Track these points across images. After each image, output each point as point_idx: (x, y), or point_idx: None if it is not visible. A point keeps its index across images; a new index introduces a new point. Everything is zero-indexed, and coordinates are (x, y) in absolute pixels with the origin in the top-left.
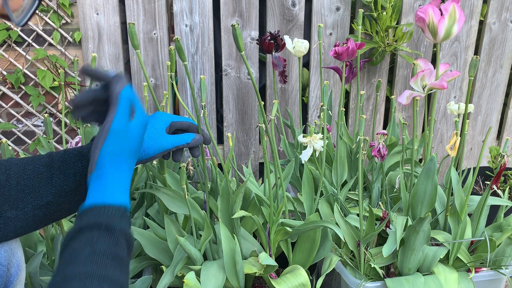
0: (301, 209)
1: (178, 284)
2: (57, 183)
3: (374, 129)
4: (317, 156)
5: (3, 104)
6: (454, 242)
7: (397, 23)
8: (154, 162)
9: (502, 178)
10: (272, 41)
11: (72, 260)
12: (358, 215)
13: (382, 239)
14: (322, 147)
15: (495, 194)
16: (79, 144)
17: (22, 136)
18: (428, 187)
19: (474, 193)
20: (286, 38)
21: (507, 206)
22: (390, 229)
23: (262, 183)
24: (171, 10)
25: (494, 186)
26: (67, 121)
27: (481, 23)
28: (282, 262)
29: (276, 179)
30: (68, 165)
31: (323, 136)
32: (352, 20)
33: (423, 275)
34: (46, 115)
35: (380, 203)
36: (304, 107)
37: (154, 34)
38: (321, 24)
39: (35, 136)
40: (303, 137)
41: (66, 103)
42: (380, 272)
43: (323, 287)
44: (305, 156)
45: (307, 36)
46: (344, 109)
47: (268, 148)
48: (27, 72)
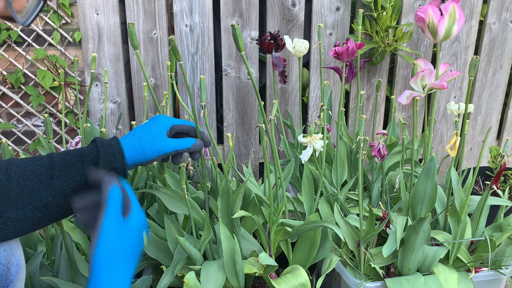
0: (301, 209)
1: (178, 284)
2: (57, 184)
3: (374, 129)
4: (317, 156)
5: (3, 104)
6: (454, 242)
7: (397, 23)
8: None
9: (502, 178)
10: (272, 41)
11: None
12: (358, 215)
13: (382, 239)
14: (322, 147)
15: (495, 194)
16: (79, 144)
17: (22, 136)
18: (428, 187)
19: (474, 193)
20: (286, 38)
21: (507, 206)
22: (390, 229)
23: (262, 183)
24: (171, 10)
25: (494, 186)
26: (67, 121)
27: (481, 23)
28: (282, 262)
29: (276, 179)
30: (68, 167)
31: (323, 136)
32: (352, 20)
33: (423, 275)
34: (46, 115)
35: (380, 203)
36: (304, 107)
37: (154, 34)
38: (321, 24)
39: (35, 136)
40: (303, 137)
41: (66, 103)
42: (380, 272)
43: (323, 287)
44: (305, 156)
45: (307, 36)
46: (344, 109)
47: (268, 148)
48: (27, 72)
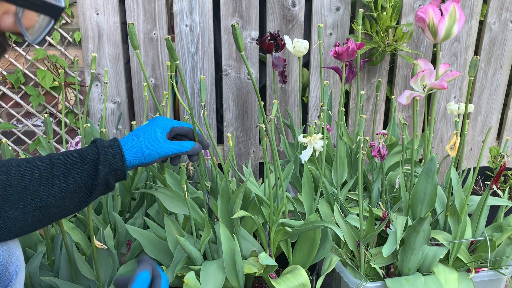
0: (301, 209)
1: (178, 284)
2: (57, 184)
3: (374, 129)
4: (317, 156)
5: (3, 104)
6: (454, 242)
7: (397, 23)
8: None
9: (502, 178)
10: (272, 41)
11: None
12: (358, 215)
13: (382, 239)
14: (322, 147)
15: (495, 194)
16: (79, 144)
17: (22, 136)
18: (428, 187)
19: (474, 193)
20: (286, 38)
21: (507, 206)
22: (390, 229)
23: (262, 183)
24: (171, 10)
25: (494, 186)
26: (67, 121)
27: (481, 23)
28: (282, 262)
29: (276, 179)
30: (68, 167)
31: (323, 136)
32: (352, 20)
33: (423, 275)
34: (46, 115)
35: (380, 203)
36: (304, 107)
37: (154, 34)
38: (321, 24)
39: (35, 136)
40: (303, 137)
41: (66, 103)
42: (380, 272)
43: (323, 287)
44: (305, 156)
45: (307, 36)
46: (344, 109)
47: (268, 148)
48: (27, 72)
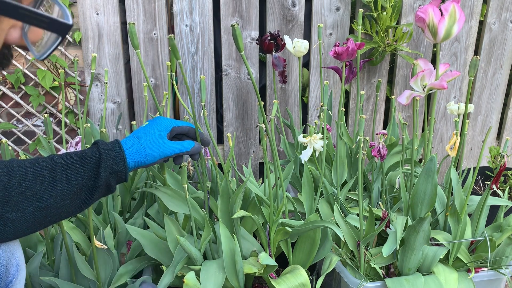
0: (301, 209)
1: (178, 284)
2: (59, 186)
3: (374, 129)
4: (317, 156)
5: (3, 104)
6: (454, 242)
7: (397, 23)
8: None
9: (502, 178)
10: (272, 41)
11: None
12: (358, 215)
13: (382, 239)
14: (322, 147)
15: (495, 194)
16: (79, 144)
17: (22, 136)
18: (428, 187)
19: (474, 193)
20: (286, 38)
21: (507, 206)
22: (390, 229)
23: (262, 183)
24: (171, 10)
25: (494, 186)
26: (67, 121)
27: (481, 23)
28: (282, 262)
29: (276, 179)
30: (70, 169)
31: (323, 136)
32: (352, 20)
33: (423, 275)
34: (46, 115)
35: (380, 203)
36: (304, 107)
37: (154, 34)
38: (321, 24)
39: (35, 136)
40: (303, 137)
41: (66, 103)
42: (380, 272)
43: (323, 287)
44: (305, 156)
45: (307, 36)
46: (344, 109)
47: (268, 148)
48: (27, 72)
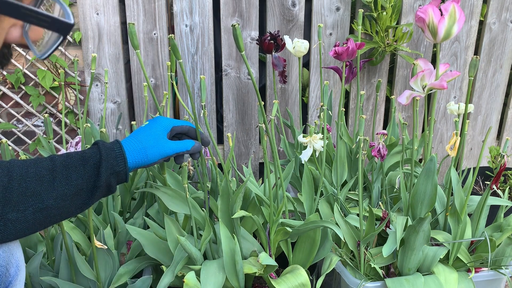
0: (301, 209)
1: (178, 284)
2: (59, 186)
3: (374, 129)
4: (317, 156)
5: (3, 104)
6: (454, 242)
7: (397, 23)
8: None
9: (502, 178)
10: (272, 41)
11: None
12: (358, 215)
13: (382, 239)
14: (322, 147)
15: (495, 194)
16: (79, 144)
17: (22, 136)
18: (428, 187)
19: (474, 193)
20: (286, 38)
21: (507, 206)
22: (390, 229)
23: (262, 183)
24: (171, 10)
25: (494, 186)
26: (67, 121)
27: (481, 23)
28: (282, 262)
29: (276, 179)
30: (70, 169)
31: (323, 136)
32: (352, 20)
33: (423, 275)
34: (46, 115)
35: (380, 203)
36: (304, 107)
37: (154, 34)
38: (321, 24)
39: (35, 136)
40: (303, 137)
41: (66, 103)
42: (380, 272)
43: (323, 287)
44: (305, 156)
45: (307, 36)
46: (344, 109)
47: (268, 148)
48: (27, 72)
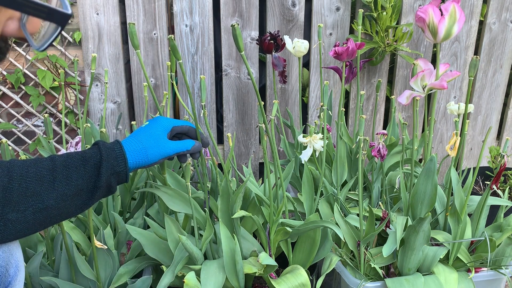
0: (301, 209)
1: (178, 284)
2: (59, 187)
3: (374, 129)
4: (317, 156)
5: (3, 104)
6: (454, 242)
7: (397, 23)
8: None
9: (502, 178)
10: (272, 41)
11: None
12: (358, 215)
13: (382, 239)
14: (322, 147)
15: (495, 194)
16: (79, 144)
17: (22, 136)
18: (428, 187)
19: (474, 193)
20: (286, 38)
21: (507, 206)
22: (390, 229)
23: (262, 183)
24: (171, 10)
25: (494, 186)
26: (67, 121)
27: (481, 23)
28: (282, 262)
29: (276, 179)
30: (70, 170)
31: (323, 136)
32: (352, 20)
33: (423, 275)
34: (46, 115)
35: (380, 203)
36: (304, 107)
37: (154, 34)
38: (321, 24)
39: (35, 136)
40: (303, 137)
41: (66, 103)
42: (380, 272)
43: (323, 287)
44: (305, 156)
45: (307, 36)
46: (344, 109)
47: (268, 148)
48: (27, 72)
